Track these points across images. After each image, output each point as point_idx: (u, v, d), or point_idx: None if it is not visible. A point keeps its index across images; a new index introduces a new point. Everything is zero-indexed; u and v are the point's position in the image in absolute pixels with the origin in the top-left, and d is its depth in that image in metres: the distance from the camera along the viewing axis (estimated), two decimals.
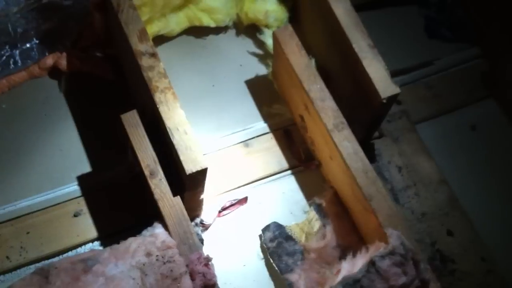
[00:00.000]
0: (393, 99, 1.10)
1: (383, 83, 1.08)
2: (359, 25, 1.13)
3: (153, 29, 1.26)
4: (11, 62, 1.21)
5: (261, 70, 1.33)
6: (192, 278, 0.91)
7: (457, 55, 1.41)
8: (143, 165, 1.02)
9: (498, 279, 1.16)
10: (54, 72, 1.26)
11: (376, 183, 1.04)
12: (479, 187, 1.27)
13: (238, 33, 1.37)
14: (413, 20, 1.45)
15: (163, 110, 1.03)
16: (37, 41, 1.23)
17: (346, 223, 1.13)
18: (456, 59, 1.41)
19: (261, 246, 1.14)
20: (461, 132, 1.33)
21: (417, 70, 1.37)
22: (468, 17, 1.45)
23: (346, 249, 1.08)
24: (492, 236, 1.20)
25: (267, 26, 1.33)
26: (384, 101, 1.08)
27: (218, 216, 1.15)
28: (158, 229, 0.95)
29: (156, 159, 1.02)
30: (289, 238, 1.12)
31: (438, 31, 1.45)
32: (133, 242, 0.93)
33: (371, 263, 0.90)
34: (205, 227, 1.13)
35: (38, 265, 1.07)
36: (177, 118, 1.03)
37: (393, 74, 1.30)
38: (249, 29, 1.36)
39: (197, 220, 1.12)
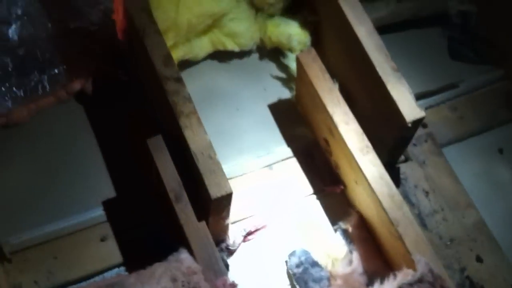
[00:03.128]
0: (418, 122, 1.09)
1: (408, 106, 1.08)
2: (382, 47, 1.13)
3: (178, 54, 1.28)
4: (39, 87, 1.23)
5: (285, 93, 1.34)
6: None
7: (481, 77, 1.40)
8: (168, 189, 1.02)
9: None
10: (80, 96, 1.28)
11: (402, 208, 1.03)
12: (507, 211, 1.25)
13: (261, 57, 1.38)
14: (436, 42, 1.44)
15: (188, 135, 1.04)
16: (64, 66, 1.25)
17: (372, 249, 1.12)
18: (480, 81, 1.39)
19: (287, 272, 1.13)
20: (488, 155, 1.31)
21: (441, 92, 1.36)
22: (492, 38, 1.44)
23: (372, 275, 1.07)
24: None
25: (290, 50, 1.34)
26: (410, 125, 1.07)
27: (244, 241, 1.15)
28: (183, 254, 0.95)
29: (181, 183, 1.02)
30: (315, 264, 1.10)
31: (461, 53, 1.44)
32: (158, 268, 0.93)
33: None
34: (230, 252, 1.13)
35: None
36: (202, 142, 1.03)
37: (417, 97, 1.30)
38: (273, 52, 1.37)
39: (223, 245, 1.11)
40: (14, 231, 1.12)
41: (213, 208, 1.01)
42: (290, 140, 1.28)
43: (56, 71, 1.24)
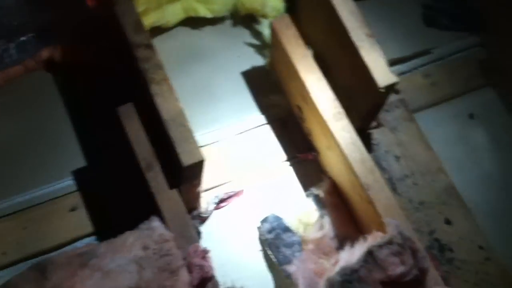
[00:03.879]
0: (391, 88, 1.09)
1: (381, 72, 1.08)
2: (356, 14, 1.12)
3: (149, 20, 1.26)
4: (5, 56, 1.20)
5: (259, 60, 1.33)
6: (190, 271, 0.91)
7: (455, 44, 1.40)
8: (139, 157, 1.02)
9: (496, 267, 1.16)
10: (50, 65, 1.25)
11: (374, 173, 1.04)
12: (476, 175, 1.27)
13: (235, 24, 1.37)
14: (411, 9, 1.43)
15: (160, 102, 1.03)
16: (33, 34, 1.22)
17: (344, 214, 1.13)
18: (454, 48, 1.40)
19: (259, 238, 1.14)
20: (459, 121, 1.32)
21: (414, 59, 1.37)
22: (466, 5, 1.44)
23: (344, 239, 1.08)
24: (489, 224, 1.20)
25: (264, 16, 1.32)
26: (382, 90, 1.07)
27: (216, 208, 1.15)
28: (155, 222, 0.95)
29: (152, 152, 1.02)
30: (287, 229, 1.11)
31: (436, 20, 1.43)
32: (129, 236, 0.93)
33: (369, 253, 0.90)
34: (202, 219, 1.13)
35: (35, 260, 1.07)
36: (174, 110, 1.02)
37: (391, 63, 1.29)
38: (246, 19, 1.35)
39: (195, 213, 1.11)
40: None
41: (185, 175, 1.01)
42: (264, 108, 1.28)
43: (23, 39, 1.21)
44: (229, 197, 1.17)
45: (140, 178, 1.03)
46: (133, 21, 1.09)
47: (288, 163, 1.23)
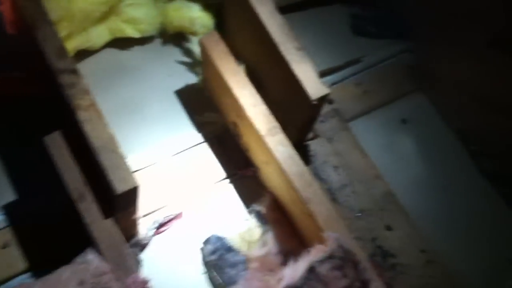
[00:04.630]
0: (323, 99, 1.10)
1: (312, 84, 1.08)
2: (284, 27, 1.12)
3: (74, 44, 1.22)
4: None
5: (191, 78, 1.31)
6: None
7: (384, 51, 1.43)
8: (70, 188, 0.98)
9: (438, 269, 1.18)
10: None
11: (312, 185, 1.04)
12: (413, 179, 1.29)
13: (164, 42, 1.35)
14: (338, 19, 1.46)
15: (88, 129, 0.99)
16: None
17: (287, 228, 1.12)
18: (383, 55, 1.43)
19: (203, 260, 1.11)
20: (392, 127, 1.35)
21: (345, 68, 1.39)
22: (394, 12, 1.47)
23: (288, 254, 1.07)
24: (428, 227, 1.22)
25: (193, 34, 1.31)
26: (315, 102, 1.08)
27: (155, 234, 1.12)
28: (90, 255, 0.91)
29: (84, 181, 0.98)
30: (230, 249, 1.10)
31: (364, 28, 1.46)
32: (65, 271, 0.89)
33: (311, 269, 0.90)
34: (142, 247, 1.10)
35: None
36: (104, 136, 0.99)
37: (322, 74, 1.32)
38: (176, 37, 1.34)
39: (133, 241, 1.08)
40: None
41: (120, 203, 0.97)
42: (200, 126, 1.26)
43: None
44: (169, 220, 1.14)
45: (74, 209, 0.98)
46: (56, 46, 1.05)
47: (228, 180, 1.21)
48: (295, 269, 0.94)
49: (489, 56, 1.29)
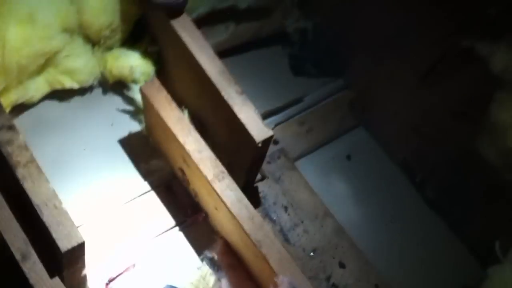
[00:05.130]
0: (268, 141, 1.11)
1: (256, 127, 1.09)
2: (224, 72, 1.13)
3: (10, 99, 1.19)
4: None
5: (134, 126, 1.29)
6: None
7: (323, 89, 1.46)
8: (13, 249, 0.93)
9: None
10: None
11: (263, 228, 1.04)
12: (362, 214, 1.31)
13: (105, 92, 1.33)
14: (278, 61, 1.49)
15: (28, 187, 0.95)
16: None
17: (241, 273, 1.11)
18: (323, 93, 1.46)
19: None
20: (338, 163, 1.37)
21: (287, 108, 1.40)
22: (331, 50, 1.51)
23: None
24: (381, 260, 1.24)
25: (134, 81, 1.30)
26: (259, 145, 1.08)
27: None
28: None
29: (27, 240, 0.94)
30: None
31: (302, 68, 1.50)
32: None
33: None
34: None
35: None
36: (44, 192, 0.95)
37: (265, 115, 1.33)
38: (116, 86, 1.32)
39: None
40: None
41: (66, 261, 0.94)
42: (146, 174, 1.24)
43: None
44: (119, 274, 1.11)
45: (18, 270, 0.94)
46: None
47: (178, 228, 1.19)
48: None
49: (420, 88, 1.33)
